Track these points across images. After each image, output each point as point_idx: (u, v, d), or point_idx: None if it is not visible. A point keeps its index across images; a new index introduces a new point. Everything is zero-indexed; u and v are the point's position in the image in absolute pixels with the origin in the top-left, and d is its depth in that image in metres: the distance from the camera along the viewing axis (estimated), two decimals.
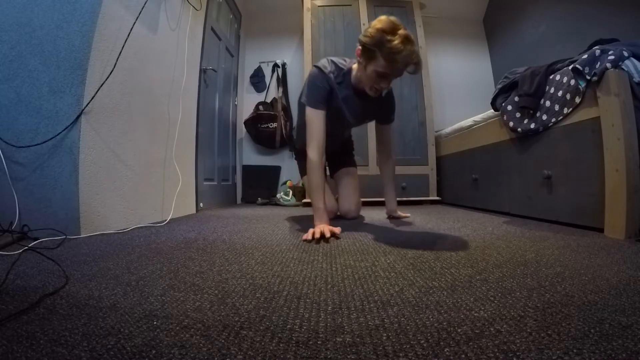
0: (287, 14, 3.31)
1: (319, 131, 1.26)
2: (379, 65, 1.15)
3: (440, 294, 0.57)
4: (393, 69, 1.15)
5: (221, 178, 2.77)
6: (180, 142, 1.89)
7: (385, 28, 1.11)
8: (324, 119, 1.28)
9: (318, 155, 1.25)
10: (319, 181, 1.24)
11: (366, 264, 0.78)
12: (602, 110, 1.15)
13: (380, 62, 1.14)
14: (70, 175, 1.18)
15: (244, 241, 1.09)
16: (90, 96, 1.22)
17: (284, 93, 3.20)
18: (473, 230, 1.29)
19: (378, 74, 1.18)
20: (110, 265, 0.77)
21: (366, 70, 1.20)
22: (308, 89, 1.31)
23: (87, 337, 0.41)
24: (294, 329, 0.44)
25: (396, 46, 1.09)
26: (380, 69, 1.16)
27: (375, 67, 1.16)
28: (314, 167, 1.24)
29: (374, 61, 1.16)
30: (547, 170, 1.46)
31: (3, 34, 1.21)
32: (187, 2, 2.02)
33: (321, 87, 1.29)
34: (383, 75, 1.18)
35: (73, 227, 1.17)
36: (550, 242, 1.01)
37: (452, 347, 0.38)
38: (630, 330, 0.41)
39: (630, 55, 1.12)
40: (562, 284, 0.60)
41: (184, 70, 1.94)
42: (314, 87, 1.30)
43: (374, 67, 1.17)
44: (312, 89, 1.30)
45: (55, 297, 0.56)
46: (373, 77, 1.20)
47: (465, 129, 2.31)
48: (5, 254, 0.87)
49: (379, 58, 1.14)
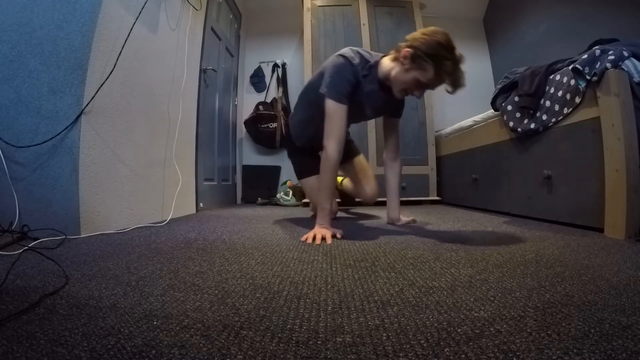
0: (287, 14, 3.31)
1: (342, 128, 1.19)
2: (426, 76, 1.12)
3: (440, 294, 0.57)
4: (436, 84, 1.15)
5: (221, 178, 2.77)
6: (180, 142, 1.89)
7: (443, 43, 1.09)
8: (346, 115, 1.21)
9: (338, 154, 1.18)
10: (332, 182, 1.21)
11: (366, 264, 0.78)
12: (602, 110, 1.15)
13: (429, 74, 1.11)
14: (70, 175, 1.18)
15: (244, 241, 1.09)
16: (90, 96, 1.22)
17: (284, 93, 3.20)
18: (473, 230, 1.29)
19: (419, 83, 1.15)
20: (110, 265, 0.77)
21: (407, 74, 1.16)
22: (332, 81, 1.21)
23: (87, 337, 0.41)
24: (294, 329, 0.44)
25: (452, 67, 1.08)
26: (425, 79, 1.13)
27: (420, 77, 1.13)
28: (332, 166, 1.18)
29: (421, 70, 1.12)
30: (547, 170, 1.46)
31: (3, 34, 1.21)
32: (187, 2, 2.02)
33: (348, 81, 1.21)
34: (422, 85, 1.17)
35: (73, 227, 1.17)
36: (550, 242, 1.01)
37: (452, 347, 0.38)
38: (630, 330, 0.41)
39: (630, 55, 1.12)
40: (562, 284, 0.60)
41: (184, 70, 1.94)
42: (340, 79, 1.21)
43: (419, 76, 1.14)
44: (338, 81, 1.21)
45: (55, 297, 0.56)
46: (412, 84, 1.17)
47: (465, 129, 2.31)
48: (5, 254, 0.87)
49: (429, 70, 1.11)
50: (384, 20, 2.79)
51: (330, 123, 1.20)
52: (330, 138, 1.19)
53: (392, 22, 2.79)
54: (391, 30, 2.77)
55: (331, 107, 1.20)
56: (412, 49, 1.12)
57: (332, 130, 1.19)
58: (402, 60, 1.16)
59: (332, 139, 1.18)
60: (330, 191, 1.21)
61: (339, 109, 1.20)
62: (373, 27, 2.75)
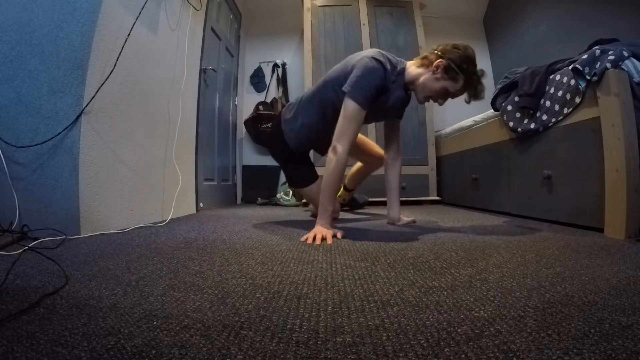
0: (287, 14, 3.31)
1: (356, 131, 1.20)
2: (455, 87, 1.22)
3: (440, 294, 0.57)
4: (458, 95, 1.25)
5: (221, 178, 2.77)
6: (180, 142, 1.89)
7: (473, 59, 1.22)
8: (363, 119, 1.21)
9: (347, 155, 1.18)
10: (339, 183, 1.20)
11: (366, 264, 0.78)
12: (602, 110, 1.15)
13: (458, 85, 1.21)
14: (70, 175, 1.18)
15: (244, 241, 1.09)
16: (90, 96, 1.22)
17: (284, 93, 3.20)
18: (473, 230, 1.29)
19: (447, 92, 1.24)
20: (110, 265, 0.77)
21: (437, 83, 1.23)
22: (360, 82, 1.17)
23: (87, 337, 0.41)
24: (294, 329, 0.44)
25: (479, 82, 1.22)
26: (453, 90, 1.22)
27: (450, 87, 1.22)
28: (340, 167, 1.17)
29: (452, 81, 1.21)
30: (547, 170, 1.46)
31: (3, 34, 1.21)
32: (187, 2, 2.02)
33: (375, 86, 1.20)
34: (449, 95, 1.25)
35: (73, 227, 1.17)
36: (550, 242, 1.01)
37: (452, 347, 0.38)
38: (630, 330, 0.41)
39: (630, 55, 1.12)
40: (562, 284, 0.60)
41: (184, 70, 1.94)
42: (369, 83, 1.18)
43: (448, 86, 1.22)
44: (366, 84, 1.18)
45: (55, 297, 0.55)
46: (440, 92, 1.24)
47: (465, 129, 2.31)
48: (5, 254, 0.87)
49: (459, 82, 1.21)
50: (384, 20, 2.79)
51: (347, 124, 1.18)
52: (343, 139, 1.17)
53: (392, 22, 2.79)
54: (391, 30, 2.77)
55: (351, 109, 1.17)
56: (446, 61, 1.20)
57: (347, 132, 1.18)
58: (434, 70, 1.22)
59: (345, 140, 1.17)
60: (335, 192, 1.21)
61: (359, 113, 1.18)
62: (373, 27, 2.75)
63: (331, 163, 1.17)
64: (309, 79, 2.64)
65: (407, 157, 2.62)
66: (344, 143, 1.17)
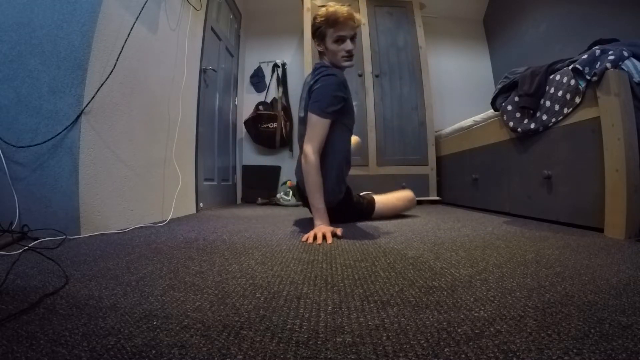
0: (287, 14, 3.30)
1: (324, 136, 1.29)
2: (329, 36, 1.32)
3: (440, 294, 0.57)
4: (340, 32, 1.30)
5: (221, 178, 2.77)
6: (180, 142, 1.89)
7: (321, 12, 1.33)
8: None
9: (316, 155, 1.25)
10: (319, 180, 1.23)
11: (366, 264, 0.78)
12: (602, 110, 1.15)
13: (328, 32, 1.31)
14: (70, 175, 1.18)
15: (244, 241, 1.09)
16: (90, 96, 1.22)
17: (284, 93, 3.20)
18: (473, 230, 1.29)
19: (335, 44, 1.32)
20: (110, 265, 0.77)
21: (324, 48, 1.35)
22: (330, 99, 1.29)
23: (87, 337, 0.41)
24: (294, 329, 0.44)
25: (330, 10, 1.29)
26: (331, 38, 1.32)
27: (327, 39, 1.32)
28: (314, 166, 1.23)
29: (322, 36, 1.33)
30: (547, 170, 1.46)
31: (3, 34, 1.21)
32: (187, 2, 2.02)
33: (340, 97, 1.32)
34: (340, 43, 1.32)
35: (73, 227, 1.17)
36: (550, 242, 1.01)
37: (452, 347, 0.38)
38: (630, 330, 0.41)
39: (630, 55, 1.12)
40: (562, 284, 0.60)
41: (184, 70, 1.94)
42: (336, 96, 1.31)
43: (327, 40, 1.33)
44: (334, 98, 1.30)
45: (55, 297, 0.55)
46: (335, 50, 1.33)
47: (465, 129, 2.31)
48: (5, 254, 0.87)
49: (323, 29, 1.32)
50: (384, 20, 2.79)
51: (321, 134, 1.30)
52: (311, 141, 1.27)
53: (392, 22, 2.79)
54: (391, 30, 2.77)
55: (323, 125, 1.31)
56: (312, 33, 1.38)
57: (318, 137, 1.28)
58: (316, 44, 1.38)
59: (312, 142, 1.27)
60: (320, 191, 1.23)
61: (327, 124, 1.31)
62: (373, 27, 2.75)
63: (307, 167, 1.25)
64: None
65: (407, 157, 2.63)
66: (312, 146, 1.26)
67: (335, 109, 1.30)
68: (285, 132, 3.10)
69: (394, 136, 2.64)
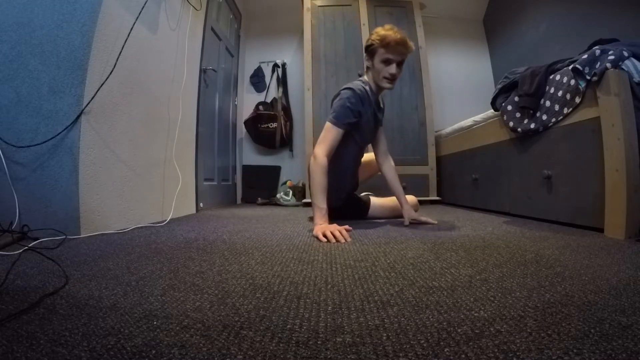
0: (287, 14, 3.31)
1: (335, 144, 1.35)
2: (380, 57, 1.36)
3: (440, 294, 0.57)
4: (390, 55, 1.34)
5: (221, 178, 2.77)
6: (180, 142, 1.89)
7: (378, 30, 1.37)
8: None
9: (325, 157, 1.29)
10: (324, 181, 1.25)
11: (366, 264, 0.78)
12: (602, 110, 1.15)
13: (379, 52, 1.35)
14: (70, 175, 1.18)
15: (244, 241, 1.09)
16: (90, 96, 1.22)
17: (284, 93, 3.20)
18: (473, 230, 1.29)
19: (382, 65, 1.36)
20: (110, 265, 0.77)
21: (372, 64, 1.40)
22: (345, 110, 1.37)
23: (87, 337, 0.41)
24: (294, 329, 0.44)
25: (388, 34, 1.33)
26: (380, 58, 1.36)
27: (377, 59, 1.36)
28: (321, 167, 1.26)
29: (373, 53, 1.37)
30: (547, 170, 1.46)
31: (3, 34, 1.21)
32: (187, 2, 2.02)
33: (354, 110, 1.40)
34: (388, 64, 1.36)
35: (73, 227, 1.17)
36: (550, 242, 1.01)
37: (452, 347, 0.38)
38: (630, 330, 0.41)
39: (630, 55, 1.12)
40: (562, 284, 0.60)
41: (184, 70, 1.94)
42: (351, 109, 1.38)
43: (377, 60, 1.37)
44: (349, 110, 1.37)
45: (55, 297, 0.55)
46: (381, 69, 1.37)
47: (465, 129, 2.31)
48: (5, 254, 0.87)
49: (377, 49, 1.35)
50: (384, 20, 2.77)
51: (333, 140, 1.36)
52: (321, 144, 1.33)
53: (392, 22, 2.76)
54: None
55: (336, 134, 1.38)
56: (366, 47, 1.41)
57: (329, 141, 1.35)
58: (365, 59, 1.43)
59: (323, 145, 1.33)
60: (324, 191, 1.25)
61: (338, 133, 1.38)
62: (373, 27, 2.72)
63: (314, 167, 1.28)
64: (309, 79, 2.64)
65: (407, 157, 2.63)
66: (322, 148, 1.32)
67: (350, 122, 1.37)
68: (285, 132, 3.10)
69: (394, 136, 2.63)
